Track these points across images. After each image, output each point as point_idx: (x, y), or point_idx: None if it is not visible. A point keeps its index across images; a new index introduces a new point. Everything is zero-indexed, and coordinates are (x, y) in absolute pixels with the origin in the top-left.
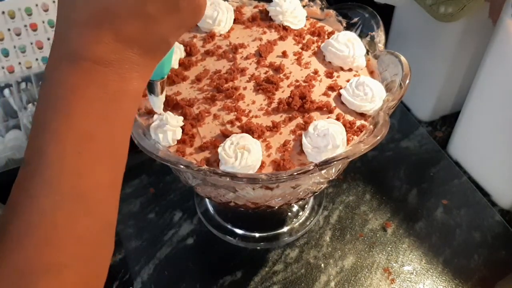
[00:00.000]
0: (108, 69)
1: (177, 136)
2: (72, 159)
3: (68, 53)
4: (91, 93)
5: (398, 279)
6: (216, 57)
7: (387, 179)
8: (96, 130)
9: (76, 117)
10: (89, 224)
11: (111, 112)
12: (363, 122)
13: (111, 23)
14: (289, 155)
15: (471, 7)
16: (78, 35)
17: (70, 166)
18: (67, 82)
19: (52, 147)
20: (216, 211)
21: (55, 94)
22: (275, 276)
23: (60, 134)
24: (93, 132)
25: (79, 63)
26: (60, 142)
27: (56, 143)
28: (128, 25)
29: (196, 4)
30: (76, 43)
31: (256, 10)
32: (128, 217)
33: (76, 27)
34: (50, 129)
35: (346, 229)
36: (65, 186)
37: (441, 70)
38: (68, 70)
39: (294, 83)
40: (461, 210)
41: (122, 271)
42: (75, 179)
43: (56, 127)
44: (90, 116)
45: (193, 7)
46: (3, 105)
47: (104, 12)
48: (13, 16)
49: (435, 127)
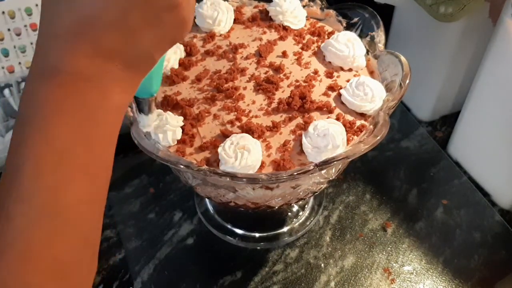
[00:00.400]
0: (88, 83)
1: (177, 136)
2: (48, 176)
3: (47, 66)
4: (69, 108)
5: (398, 279)
6: (216, 57)
7: (387, 179)
8: (72, 146)
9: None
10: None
11: (89, 128)
12: (363, 122)
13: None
14: (289, 155)
15: (471, 7)
16: (56, 48)
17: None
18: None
19: (28, 163)
20: (216, 211)
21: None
22: (275, 276)
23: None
24: (69, 148)
25: (57, 77)
26: (35, 158)
27: (31, 159)
28: (108, 38)
29: (180, 18)
30: (54, 56)
31: (256, 10)
32: (128, 217)
33: (55, 40)
34: (26, 145)
35: (346, 229)
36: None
37: (441, 70)
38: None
39: (294, 83)
40: (461, 210)
41: (122, 271)
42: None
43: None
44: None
45: (177, 21)
46: (3, 105)
47: (83, 25)
48: (13, 16)
49: (435, 127)
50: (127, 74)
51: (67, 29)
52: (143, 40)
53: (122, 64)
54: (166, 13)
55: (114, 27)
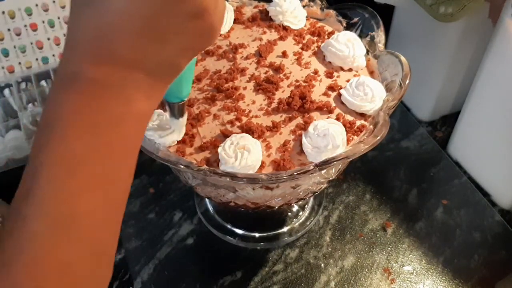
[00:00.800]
0: (109, 90)
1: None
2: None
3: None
4: (90, 116)
5: (398, 279)
6: (216, 57)
7: (387, 179)
8: (91, 154)
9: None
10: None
11: (109, 135)
12: (363, 122)
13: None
14: (289, 155)
15: (471, 7)
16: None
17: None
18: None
19: (45, 168)
20: (216, 211)
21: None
22: (275, 276)
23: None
24: (87, 155)
25: (77, 84)
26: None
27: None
28: (130, 46)
29: (207, 26)
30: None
31: (256, 10)
32: (128, 217)
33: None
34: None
35: (346, 229)
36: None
37: (441, 70)
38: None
39: (294, 83)
40: (461, 210)
41: (122, 271)
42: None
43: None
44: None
45: (203, 29)
46: (3, 105)
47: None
48: (13, 16)
49: (435, 127)
50: (150, 82)
51: (89, 36)
52: (167, 48)
53: (145, 72)
54: (191, 21)
55: (137, 35)
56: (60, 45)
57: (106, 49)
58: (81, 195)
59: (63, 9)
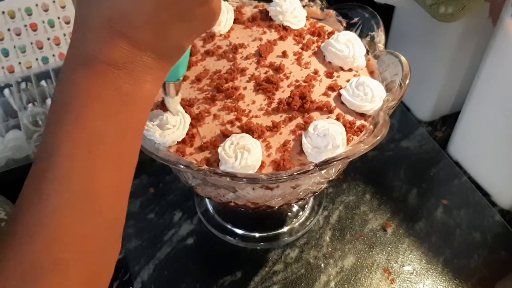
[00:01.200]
0: (122, 71)
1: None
2: (83, 159)
3: (83, 55)
4: (104, 95)
5: (398, 279)
6: (216, 57)
7: (387, 179)
8: (107, 131)
9: (88, 118)
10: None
11: (123, 114)
12: (363, 122)
13: (126, 29)
14: (289, 155)
15: (471, 7)
16: (93, 39)
17: (81, 166)
18: (81, 84)
19: (64, 146)
20: (216, 211)
21: (69, 95)
22: (275, 276)
23: (72, 134)
24: (104, 133)
25: (93, 66)
26: (71, 142)
27: (68, 143)
28: (142, 31)
29: (210, 11)
30: (91, 46)
31: (256, 10)
32: (128, 217)
33: (92, 31)
34: (62, 129)
35: (346, 229)
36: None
37: (441, 70)
38: (82, 72)
39: (294, 83)
40: (461, 210)
41: (122, 271)
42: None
43: (68, 127)
44: (102, 117)
45: (207, 14)
46: (3, 105)
47: (119, 18)
48: (13, 16)
49: (435, 127)
50: (158, 64)
51: (104, 22)
52: (175, 33)
53: (154, 54)
54: (198, 7)
55: (148, 21)
56: (60, 45)
57: (120, 34)
58: (100, 172)
59: (63, 9)
